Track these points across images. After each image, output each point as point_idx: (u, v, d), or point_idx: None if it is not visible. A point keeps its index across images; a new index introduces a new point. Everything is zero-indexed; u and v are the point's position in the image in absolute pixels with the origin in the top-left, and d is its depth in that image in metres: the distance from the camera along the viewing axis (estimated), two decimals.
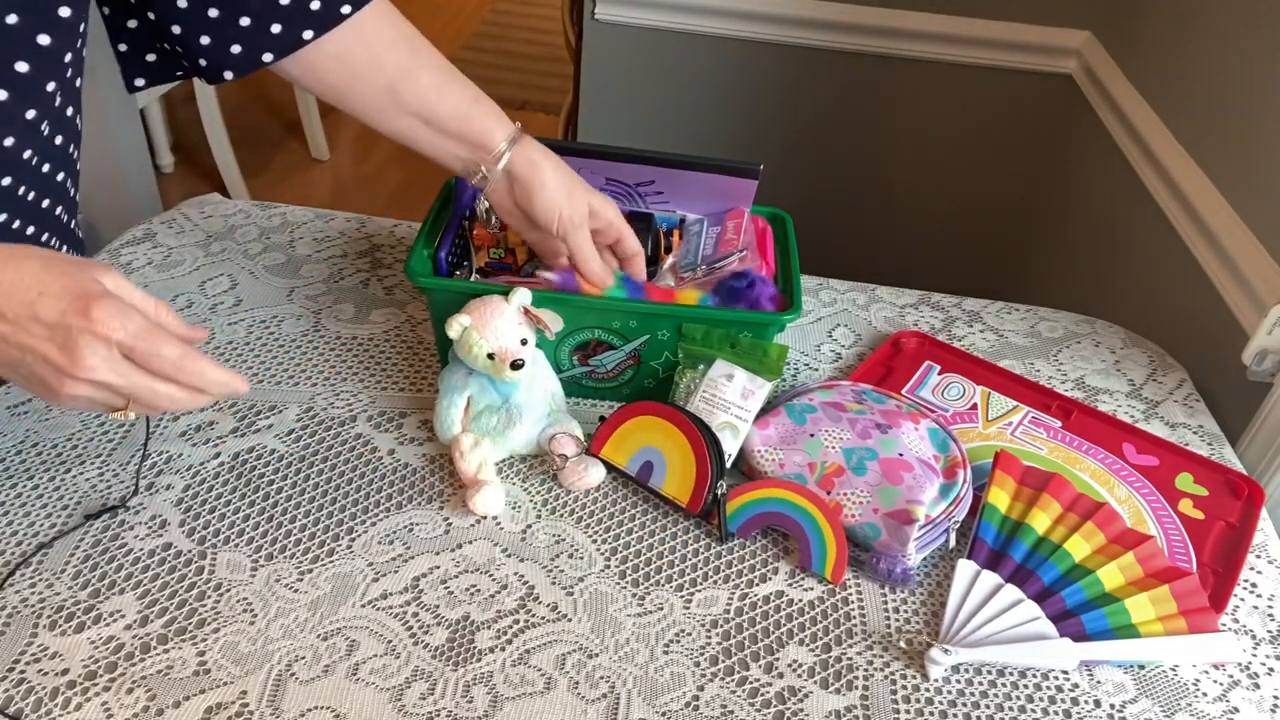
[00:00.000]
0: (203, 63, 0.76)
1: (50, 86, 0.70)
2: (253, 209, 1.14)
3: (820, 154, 1.87)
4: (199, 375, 0.61)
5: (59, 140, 0.76)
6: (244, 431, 0.84)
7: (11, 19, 0.66)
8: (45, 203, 0.77)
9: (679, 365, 0.88)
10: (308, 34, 0.75)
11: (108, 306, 0.57)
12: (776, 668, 0.70)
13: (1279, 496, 0.93)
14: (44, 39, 0.67)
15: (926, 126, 1.82)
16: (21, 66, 0.67)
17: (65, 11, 0.68)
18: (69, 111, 0.76)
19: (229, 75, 0.77)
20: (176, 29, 0.74)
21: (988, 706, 0.69)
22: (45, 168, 0.76)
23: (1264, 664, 0.74)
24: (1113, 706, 0.70)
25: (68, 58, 0.71)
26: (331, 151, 2.94)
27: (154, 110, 2.62)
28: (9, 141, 0.69)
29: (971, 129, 1.80)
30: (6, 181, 0.71)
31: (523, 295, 0.80)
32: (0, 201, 0.71)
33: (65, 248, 0.81)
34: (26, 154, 0.71)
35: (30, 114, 0.69)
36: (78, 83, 0.76)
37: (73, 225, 0.84)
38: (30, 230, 0.76)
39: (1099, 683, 0.71)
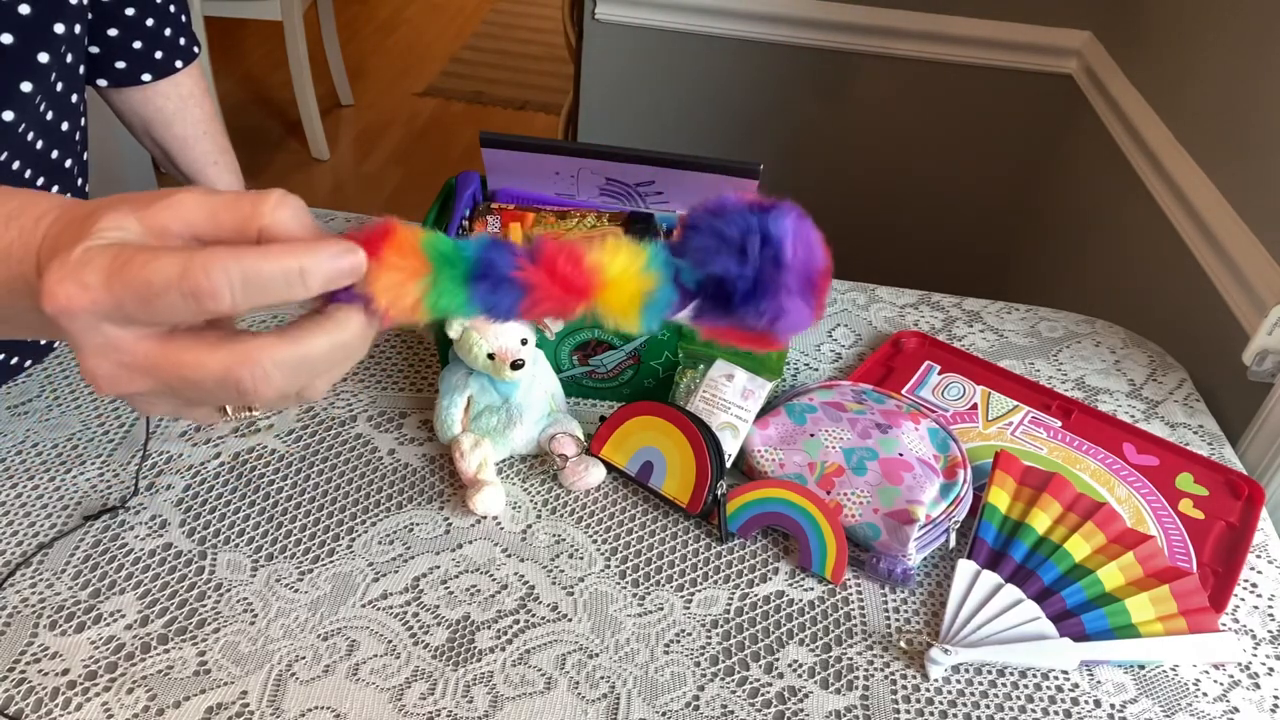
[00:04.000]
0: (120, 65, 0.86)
1: (42, 58, 0.71)
2: None
3: (820, 153, 1.87)
4: (202, 284, 0.34)
5: (64, 126, 0.77)
6: (244, 431, 0.84)
7: (25, 8, 0.67)
8: (55, 189, 0.78)
9: (679, 365, 0.88)
10: (178, 63, 0.89)
11: (65, 271, 0.35)
12: (776, 668, 0.70)
13: (1279, 497, 0.93)
14: (24, 8, 0.69)
15: (927, 126, 1.82)
16: (5, 38, 0.68)
17: None
18: (73, 98, 0.77)
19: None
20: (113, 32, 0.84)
21: (988, 706, 0.69)
22: (54, 154, 0.76)
23: (1264, 664, 0.74)
24: (1113, 706, 0.70)
25: (58, 29, 0.72)
26: (331, 151, 2.94)
27: None
28: (8, 116, 0.70)
29: (972, 129, 1.80)
30: (2, 157, 0.71)
31: None
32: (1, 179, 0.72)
33: None
34: (21, 128, 0.72)
35: (26, 87, 0.70)
36: (80, 69, 0.77)
37: None
38: None
39: (1099, 683, 0.71)
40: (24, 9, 0.67)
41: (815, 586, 0.76)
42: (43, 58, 0.70)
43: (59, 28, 0.71)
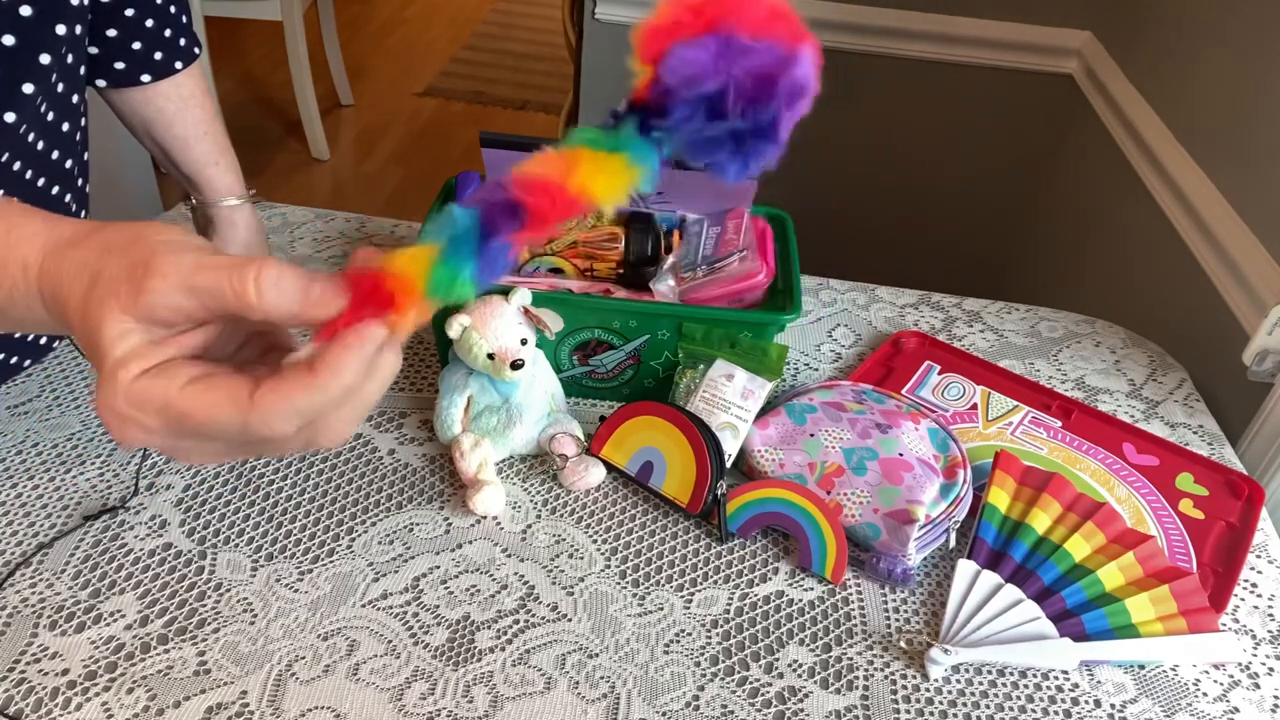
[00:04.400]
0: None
1: (44, 60, 0.71)
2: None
3: (820, 154, 1.87)
4: (259, 431, 0.38)
5: (65, 127, 0.76)
6: None
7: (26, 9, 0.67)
8: (55, 189, 0.78)
9: (679, 365, 0.88)
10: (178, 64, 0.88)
11: (113, 404, 0.38)
12: (776, 668, 0.70)
13: (1279, 497, 0.93)
14: (25, 9, 0.69)
15: (927, 126, 1.82)
16: (7, 39, 0.68)
17: None
18: (74, 99, 0.77)
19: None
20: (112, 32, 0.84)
21: (988, 706, 0.69)
22: (55, 154, 0.76)
23: (1264, 664, 0.74)
24: (1113, 706, 0.70)
25: (60, 30, 0.71)
26: (331, 151, 2.94)
27: None
28: (10, 118, 0.69)
29: (971, 129, 1.80)
30: (4, 158, 0.71)
31: (523, 295, 0.80)
32: (1, 178, 0.72)
33: None
34: (22, 129, 0.72)
35: (28, 88, 0.70)
36: (81, 69, 0.77)
37: (83, 216, 0.85)
38: None
39: (1099, 683, 0.71)
40: (25, 10, 0.67)
41: (815, 586, 0.76)
42: (44, 59, 0.70)
43: (60, 29, 0.71)
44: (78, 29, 0.73)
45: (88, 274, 0.40)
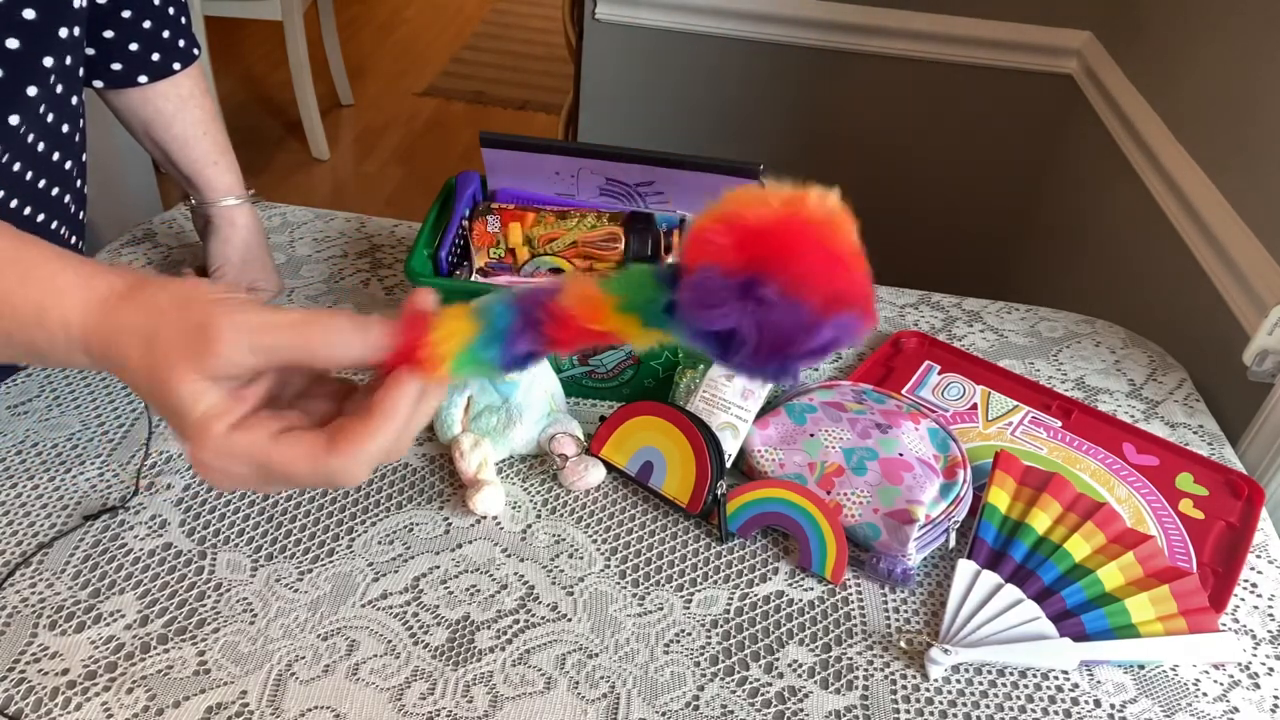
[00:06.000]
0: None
1: (47, 62, 0.71)
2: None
3: (820, 154, 1.87)
4: (339, 478, 0.44)
5: (65, 128, 0.77)
6: None
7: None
8: (55, 191, 0.78)
9: (679, 365, 0.88)
10: (176, 65, 0.88)
11: (205, 459, 0.43)
12: (776, 668, 0.70)
13: (1279, 497, 0.93)
14: (29, 12, 0.69)
15: (927, 126, 1.82)
16: (11, 43, 0.68)
17: None
18: (74, 100, 0.77)
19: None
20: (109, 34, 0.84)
21: (988, 706, 0.69)
22: (55, 156, 0.76)
23: (1264, 664, 0.74)
24: (1113, 706, 0.70)
25: (63, 33, 0.71)
26: (331, 151, 2.94)
27: None
28: (13, 120, 0.69)
29: (971, 129, 1.80)
30: (4, 158, 0.71)
31: None
32: (1, 179, 0.72)
33: (74, 238, 0.83)
34: (23, 130, 0.72)
35: (31, 91, 0.70)
36: (79, 71, 0.77)
37: (81, 216, 0.85)
38: (40, 217, 0.77)
39: (1099, 683, 0.71)
40: (28, 13, 0.67)
41: (815, 586, 0.76)
42: (47, 61, 0.70)
43: (63, 32, 0.71)
44: (77, 31, 0.73)
45: (140, 337, 0.43)
